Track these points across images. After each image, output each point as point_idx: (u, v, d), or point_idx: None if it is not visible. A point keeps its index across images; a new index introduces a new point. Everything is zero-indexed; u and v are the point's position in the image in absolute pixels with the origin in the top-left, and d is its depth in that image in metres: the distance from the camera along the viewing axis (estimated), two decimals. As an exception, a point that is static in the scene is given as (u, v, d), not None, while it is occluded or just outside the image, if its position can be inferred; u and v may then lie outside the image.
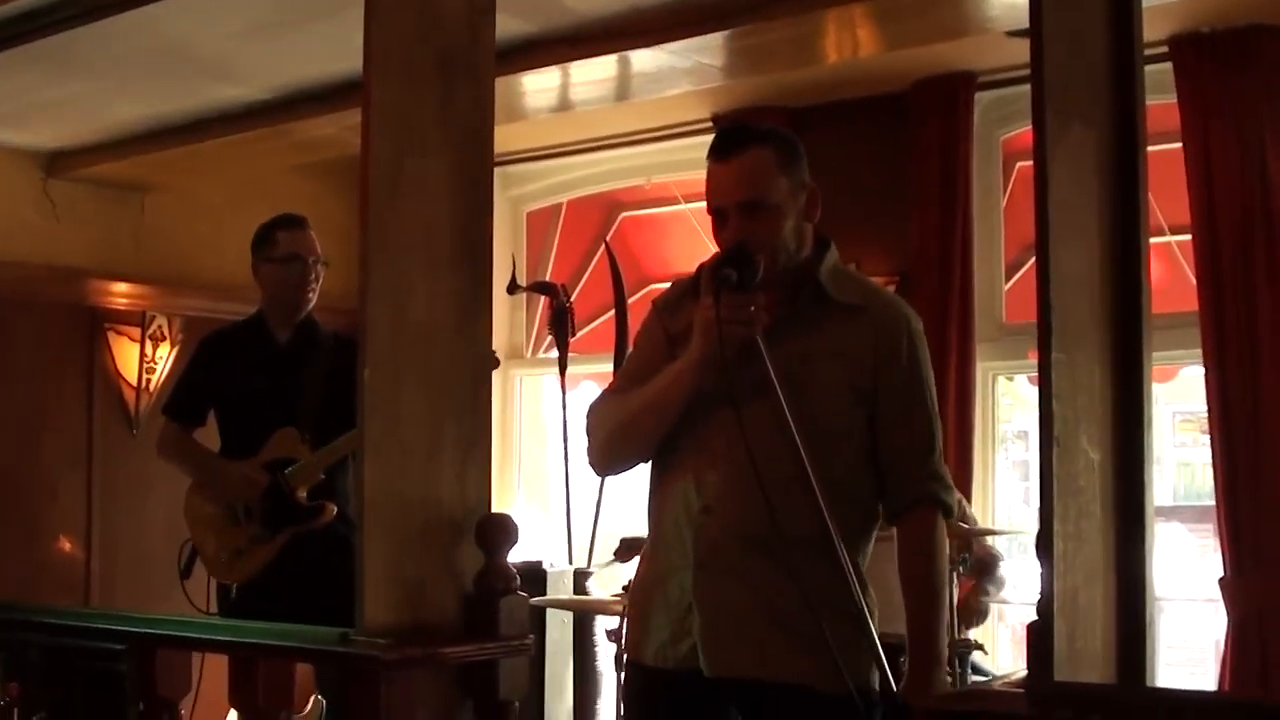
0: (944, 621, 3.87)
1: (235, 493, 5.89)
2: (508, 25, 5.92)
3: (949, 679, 4.45)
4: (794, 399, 3.63)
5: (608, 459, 4.03)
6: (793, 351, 3.72)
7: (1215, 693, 5.94)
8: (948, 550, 3.91)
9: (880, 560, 3.98)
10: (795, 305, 3.78)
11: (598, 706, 7.93)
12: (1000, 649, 8.01)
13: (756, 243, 3.68)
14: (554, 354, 8.42)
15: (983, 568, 6.91)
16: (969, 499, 7.37)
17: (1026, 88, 3.57)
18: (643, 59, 6.93)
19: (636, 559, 4.24)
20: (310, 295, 6.00)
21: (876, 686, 3.72)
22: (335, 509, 5.85)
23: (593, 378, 9.17)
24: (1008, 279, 8.07)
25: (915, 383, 3.82)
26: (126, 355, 9.04)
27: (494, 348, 4.62)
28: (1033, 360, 3.52)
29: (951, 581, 5.99)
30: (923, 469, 3.82)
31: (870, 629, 3.66)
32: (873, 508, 3.87)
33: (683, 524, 3.79)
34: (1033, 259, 3.60)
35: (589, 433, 4.01)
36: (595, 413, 3.99)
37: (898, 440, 3.80)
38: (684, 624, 3.76)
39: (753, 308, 3.59)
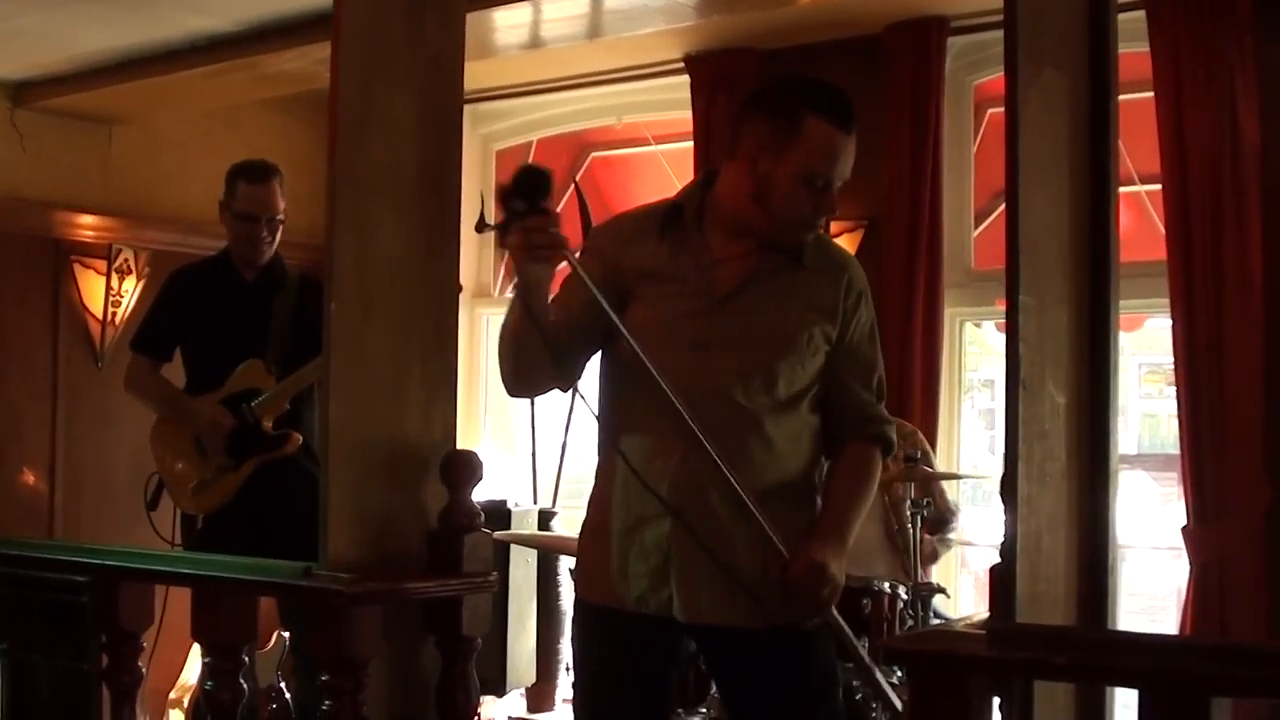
0: (860, 516, 3.86)
1: (201, 431, 5.88)
2: (479, -42, 5.90)
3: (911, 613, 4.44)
4: (775, 346, 3.73)
5: (514, 378, 3.93)
6: (771, 300, 3.77)
7: (1175, 635, 5.98)
8: (877, 482, 3.93)
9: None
10: (779, 259, 3.79)
11: (560, 645, 7.96)
12: (962, 594, 8.05)
13: (827, 215, 3.78)
14: (522, 293, 8.40)
15: (939, 521, 6.96)
16: (934, 446, 7.40)
17: (999, 33, 3.56)
18: (615, -5, 6.93)
19: None
20: (265, 250, 5.98)
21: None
22: (300, 439, 5.86)
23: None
24: (977, 225, 8.07)
25: (871, 335, 3.92)
26: (92, 288, 8.99)
27: (460, 281, 4.61)
28: (1000, 307, 3.53)
29: (916, 524, 6.00)
30: (871, 412, 3.90)
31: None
32: (820, 449, 3.90)
33: (656, 471, 3.77)
34: (1002, 206, 3.61)
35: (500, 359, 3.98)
36: (499, 338, 3.96)
37: (854, 389, 3.87)
38: (664, 571, 3.75)
39: (544, 231, 3.59)
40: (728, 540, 3.71)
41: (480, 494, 4.30)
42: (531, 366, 3.84)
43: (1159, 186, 6.96)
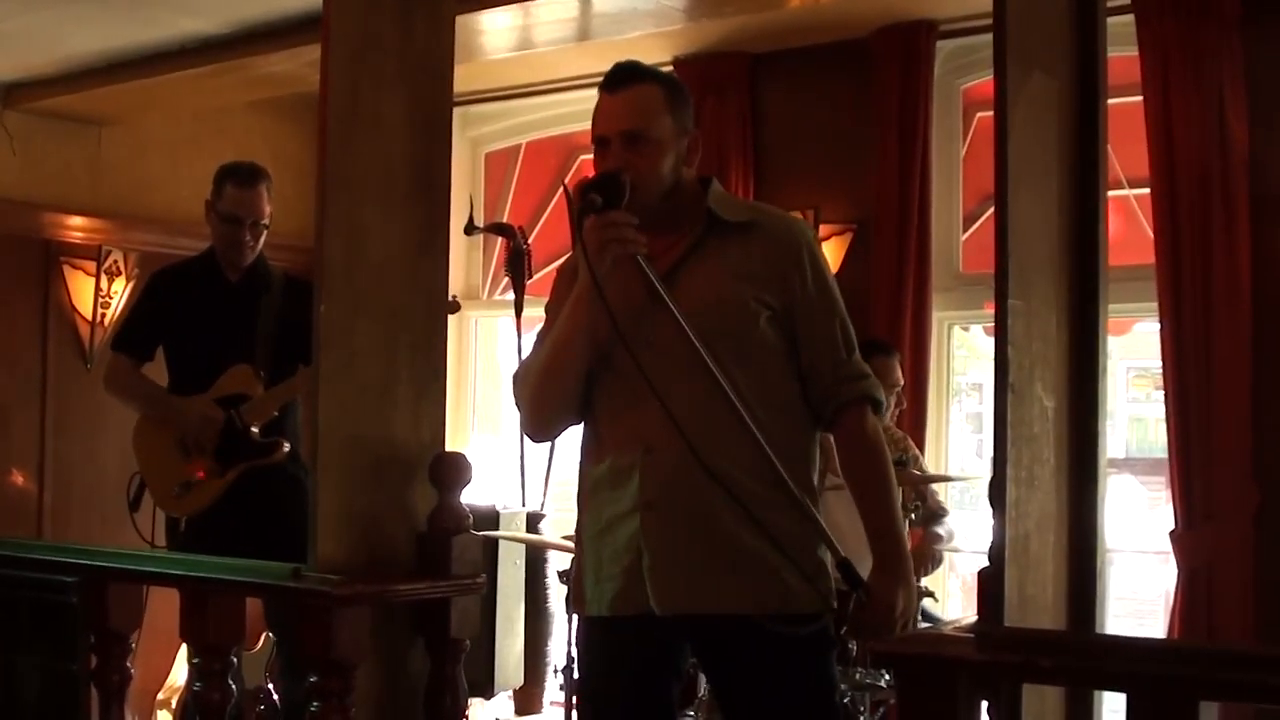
0: (899, 511, 3.85)
1: (190, 429, 5.84)
2: (468, -39, 5.89)
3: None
4: (713, 324, 3.66)
5: (538, 417, 3.95)
6: (700, 279, 3.74)
7: (1163, 639, 5.98)
8: (885, 442, 3.90)
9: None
10: (692, 237, 3.79)
11: (548, 647, 7.95)
12: (950, 599, 8.05)
13: (634, 174, 3.70)
14: (510, 296, 8.42)
15: (930, 517, 6.98)
16: (922, 449, 7.41)
17: (988, 37, 3.57)
18: (604, -1, 6.93)
19: None
20: (248, 253, 5.92)
21: (834, 604, 3.74)
22: (288, 446, 5.83)
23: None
24: (965, 229, 8.08)
25: (823, 289, 3.82)
26: (82, 289, 8.99)
27: (451, 289, 4.62)
28: (989, 311, 3.53)
29: (905, 526, 6.01)
30: (848, 369, 3.82)
31: (822, 526, 3.65)
32: (809, 420, 3.87)
33: (624, 469, 3.77)
34: (990, 210, 3.62)
35: (516, 402, 3.98)
36: (517, 380, 3.97)
37: (820, 348, 3.80)
38: (637, 568, 3.74)
39: (622, 225, 3.60)
40: (710, 526, 3.69)
41: (469, 496, 4.30)
42: (571, 395, 3.83)
43: (1147, 190, 6.98)
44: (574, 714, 6.33)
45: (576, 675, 4.16)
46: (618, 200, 3.62)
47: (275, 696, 6.18)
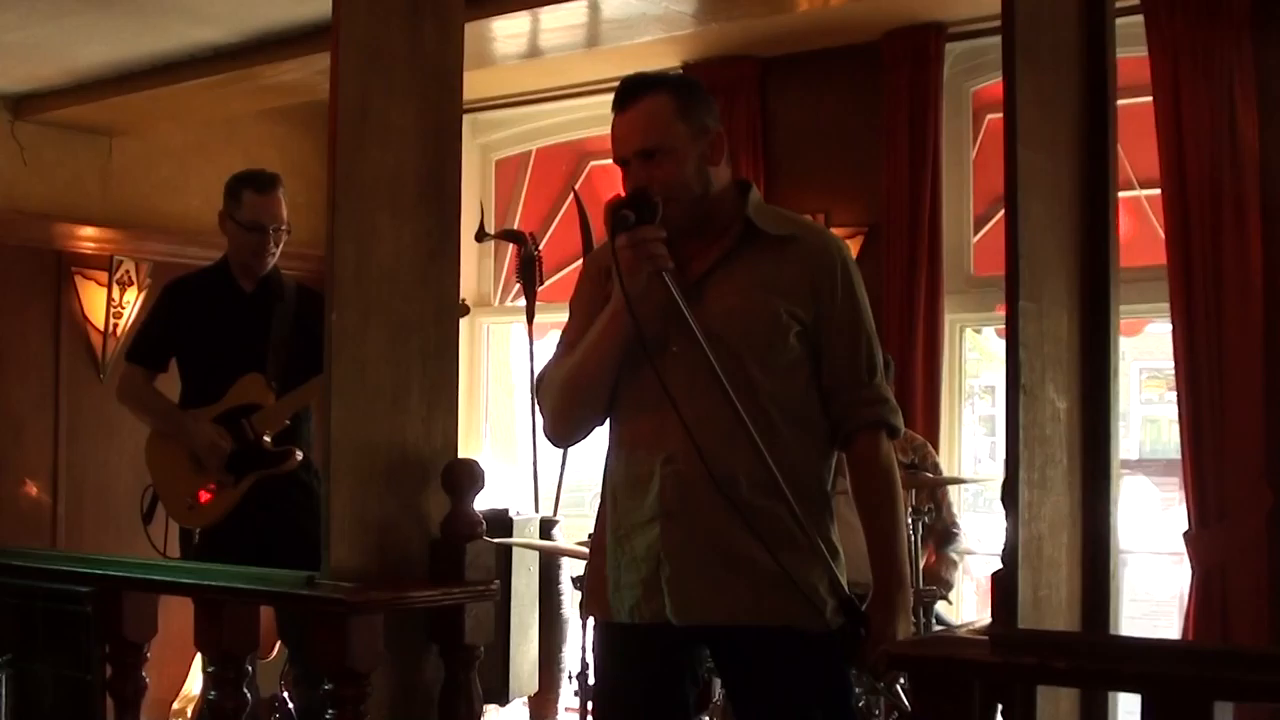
0: (904, 542, 3.85)
1: (199, 451, 5.83)
2: (478, -31, 5.89)
3: (913, 619, 4.42)
4: (741, 335, 3.68)
5: (563, 426, 3.97)
6: (732, 288, 3.74)
7: (1177, 640, 5.97)
8: (898, 470, 3.89)
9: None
10: (728, 244, 3.78)
11: (563, 653, 7.95)
12: (964, 601, 8.04)
13: (658, 188, 3.70)
14: (522, 302, 8.43)
15: (944, 536, 6.99)
16: (936, 452, 7.40)
17: (997, 39, 3.56)
18: (613, 4, 6.91)
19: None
20: (269, 259, 5.92)
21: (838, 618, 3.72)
22: (300, 455, 5.83)
23: (560, 327, 9.11)
24: (976, 231, 8.08)
25: (853, 308, 3.81)
26: (93, 299, 9.00)
27: (462, 295, 4.62)
28: (1001, 313, 3.53)
29: (918, 532, 6.01)
30: (867, 392, 3.81)
31: (822, 549, 3.64)
32: (830, 436, 3.86)
33: (644, 476, 3.77)
34: (1001, 212, 3.61)
35: (540, 406, 3.99)
36: (542, 384, 3.97)
37: (841, 366, 3.79)
38: (655, 578, 3.74)
39: (653, 241, 3.61)
40: (724, 538, 3.69)
41: (482, 502, 4.30)
42: (598, 403, 3.84)
43: (1158, 191, 6.98)
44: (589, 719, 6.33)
45: (591, 681, 4.15)
46: (650, 216, 3.62)
47: (290, 704, 6.18)
